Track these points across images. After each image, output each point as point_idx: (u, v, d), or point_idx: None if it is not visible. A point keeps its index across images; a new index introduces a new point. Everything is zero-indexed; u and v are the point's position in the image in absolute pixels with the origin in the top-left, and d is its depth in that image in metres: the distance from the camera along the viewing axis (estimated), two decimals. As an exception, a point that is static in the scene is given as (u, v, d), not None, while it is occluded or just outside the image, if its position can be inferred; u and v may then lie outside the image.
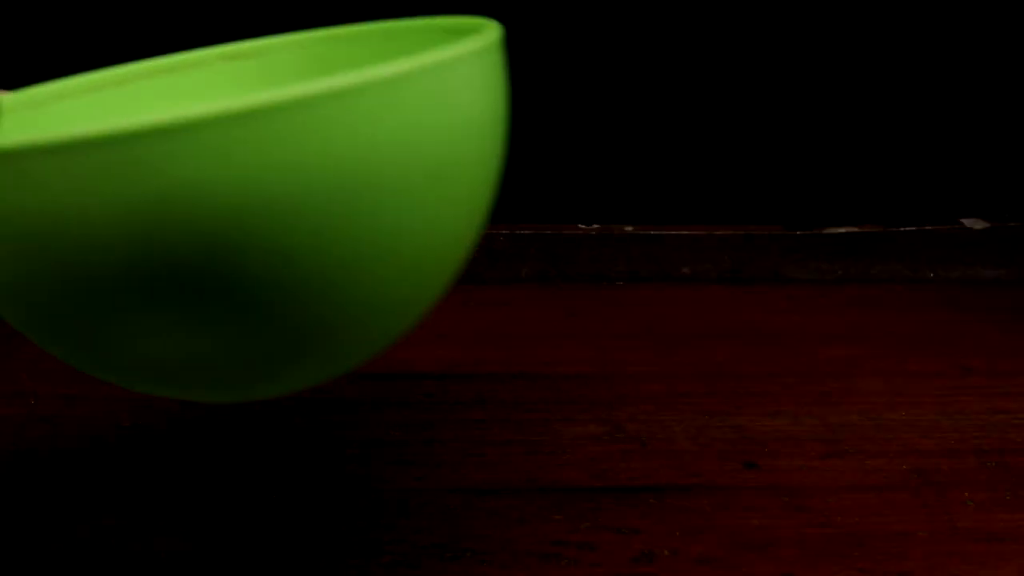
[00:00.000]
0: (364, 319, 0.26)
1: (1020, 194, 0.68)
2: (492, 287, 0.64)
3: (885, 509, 0.41)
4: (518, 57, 0.67)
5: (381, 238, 0.24)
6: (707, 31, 0.66)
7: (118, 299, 0.23)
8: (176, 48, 0.35)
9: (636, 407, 0.48)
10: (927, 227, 0.66)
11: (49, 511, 0.40)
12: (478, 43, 0.26)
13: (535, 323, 0.59)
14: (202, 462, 0.44)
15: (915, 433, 0.47)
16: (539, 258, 0.66)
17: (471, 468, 0.43)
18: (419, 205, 0.25)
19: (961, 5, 0.65)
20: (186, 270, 0.22)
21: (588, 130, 0.67)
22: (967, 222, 0.66)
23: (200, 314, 0.23)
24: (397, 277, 0.26)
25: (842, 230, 0.66)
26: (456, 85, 0.25)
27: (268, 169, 0.22)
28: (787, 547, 0.38)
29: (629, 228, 0.66)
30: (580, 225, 0.66)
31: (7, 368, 0.45)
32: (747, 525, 0.40)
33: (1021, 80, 0.67)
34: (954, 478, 0.43)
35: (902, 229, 0.66)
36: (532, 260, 0.66)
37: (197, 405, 0.48)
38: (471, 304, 0.61)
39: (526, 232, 0.65)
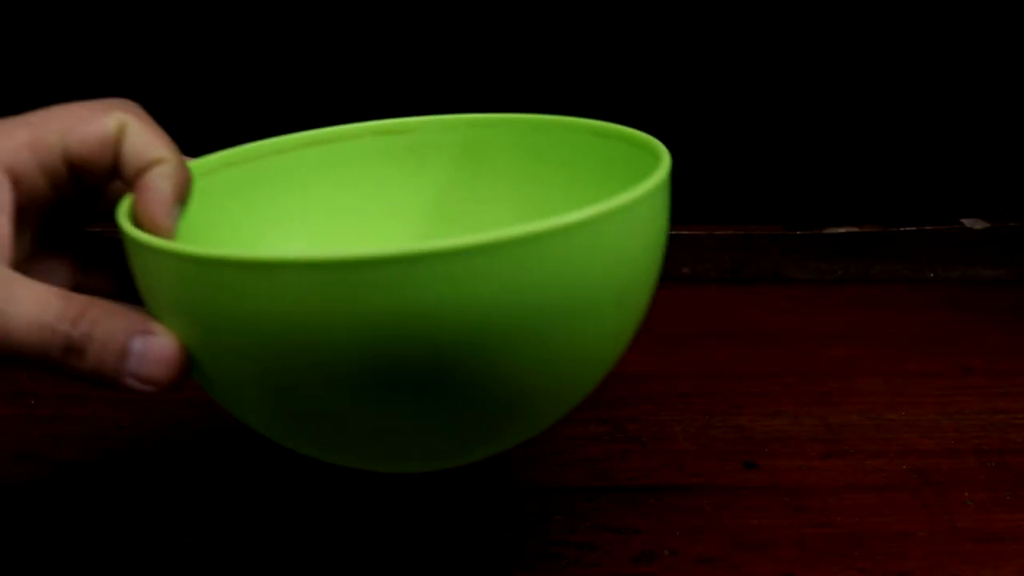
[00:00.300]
0: (552, 405, 0.31)
1: (1020, 194, 0.68)
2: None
3: (885, 509, 0.41)
4: (518, 54, 0.67)
5: (575, 347, 0.29)
6: (707, 31, 0.66)
7: (351, 393, 0.27)
8: (333, 122, 0.39)
9: (636, 407, 0.48)
10: (927, 227, 0.66)
11: (49, 511, 0.40)
12: (663, 174, 0.31)
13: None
14: (202, 462, 0.44)
15: (915, 433, 0.47)
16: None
17: (472, 468, 0.43)
18: (607, 318, 0.29)
19: (961, 5, 0.65)
20: (413, 370, 0.27)
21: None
22: (967, 222, 0.66)
23: (421, 404, 0.28)
24: (582, 372, 0.31)
25: (842, 230, 0.66)
26: (645, 215, 0.30)
27: (492, 294, 0.26)
28: (787, 547, 0.38)
29: (629, 228, 0.66)
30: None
31: (7, 368, 0.45)
32: (747, 525, 0.40)
33: (1021, 80, 0.67)
34: (954, 478, 0.43)
35: (902, 229, 0.66)
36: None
37: (198, 403, 0.49)
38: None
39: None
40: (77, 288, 0.32)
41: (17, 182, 0.31)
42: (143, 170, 0.32)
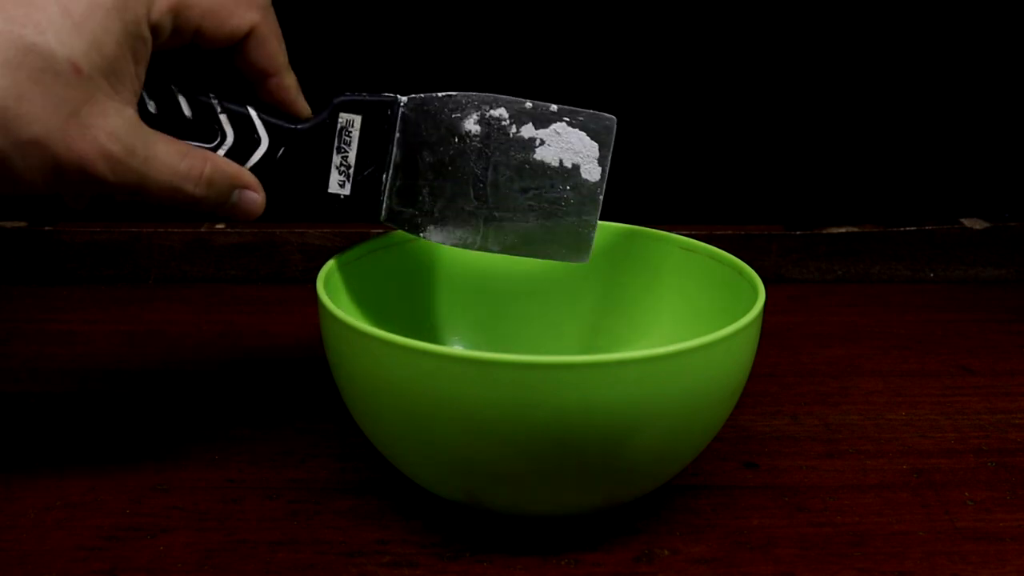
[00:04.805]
0: (666, 474, 0.39)
1: (1020, 194, 0.68)
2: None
3: (885, 509, 0.41)
4: (517, 53, 0.67)
5: (691, 434, 0.37)
6: (707, 32, 0.66)
7: (528, 462, 0.35)
8: None
9: (636, 407, 0.48)
10: (927, 227, 0.66)
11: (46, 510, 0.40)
12: (762, 297, 0.38)
13: (535, 323, 0.58)
14: (203, 464, 0.44)
15: (915, 433, 0.47)
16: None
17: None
18: (724, 406, 0.38)
19: (961, 5, 0.65)
20: (593, 447, 0.34)
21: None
22: (967, 222, 0.66)
23: (584, 473, 0.35)
24: (692, 450, 0.38)
25: (842, 230, 0.66)
26: (755, 332, 0.38)
27: (654, 390, 0.34)
28: (787, 547, 0.38)
29: (629, 228, 0.66)
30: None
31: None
32: (747, 525, 0.40)
33: (1021, 80, 0.67)
34: (954, 478, 0.43)
35: (902, 229, 0.66)
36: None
37: (202, 402, 0.49)
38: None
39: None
40: None
41: (156, 38, 0.37)
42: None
